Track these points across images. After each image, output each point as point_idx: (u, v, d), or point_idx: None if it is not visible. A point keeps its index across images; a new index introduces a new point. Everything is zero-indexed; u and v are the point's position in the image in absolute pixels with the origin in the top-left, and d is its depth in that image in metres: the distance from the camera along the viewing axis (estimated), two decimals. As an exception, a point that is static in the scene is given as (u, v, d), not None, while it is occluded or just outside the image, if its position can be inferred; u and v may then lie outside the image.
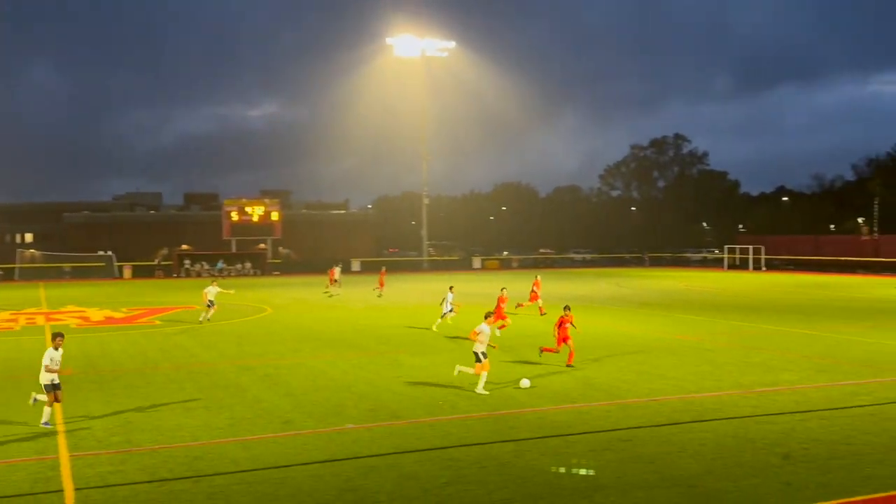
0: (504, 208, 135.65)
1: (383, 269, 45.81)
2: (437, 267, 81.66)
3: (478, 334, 16.28)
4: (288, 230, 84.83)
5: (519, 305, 30.97)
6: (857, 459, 11.20)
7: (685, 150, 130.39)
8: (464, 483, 10.28)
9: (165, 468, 11.03)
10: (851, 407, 14.58)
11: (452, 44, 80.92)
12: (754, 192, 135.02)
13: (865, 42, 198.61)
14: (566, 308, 19.92)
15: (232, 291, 33.05)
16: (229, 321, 30.45)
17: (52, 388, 13.31)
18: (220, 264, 72.36)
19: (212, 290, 29.80)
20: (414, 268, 79.40)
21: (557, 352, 19.42)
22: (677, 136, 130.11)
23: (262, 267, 74.39)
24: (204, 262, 73.64)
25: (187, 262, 73.93)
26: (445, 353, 21.53)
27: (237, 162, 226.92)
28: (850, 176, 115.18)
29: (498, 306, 25.54)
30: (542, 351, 19.68)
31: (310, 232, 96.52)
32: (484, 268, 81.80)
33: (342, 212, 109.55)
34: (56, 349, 13.49)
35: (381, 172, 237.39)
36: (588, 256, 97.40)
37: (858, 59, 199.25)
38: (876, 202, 73.03)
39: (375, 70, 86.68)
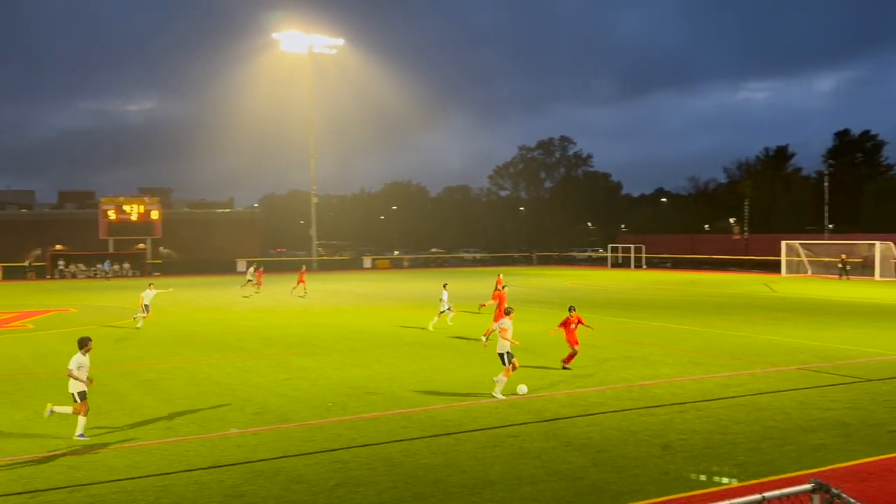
0: (395, 208, 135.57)
1: (303, 268, 46.26)
2: (327, 267, 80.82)
3: (505, 331, 15.88)
4: (169, 229, 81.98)
5: (482, 305, 30.77)
6: (731, 448, 11.74)
7: (571, 152, 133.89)
8: (353, 485, 10.16)
9: (41, 478, 10.44)
10: (725, 398, 15.28)
11: (341, 41, 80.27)
12: (635, 194, 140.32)
13: (736, 52, 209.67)
14: (571, 309, 19.20)
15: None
16: (106, 325, 29.14)
17: (82, 397, 12.58)
18: (107, 265, 69.30)
19: (149, 294, 28.46)
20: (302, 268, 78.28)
21: (576, 352, 18.68)
22: (563, 138, 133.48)
23: (142, 267, 71.70)
24: (81, 264, 70.28)
25: (61, 263, 70.38)
26: (335, 355, 21.30)
27: (115, 159, 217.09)
28: (722, 178, 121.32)
29: (499, 303, 24.96)
30: (564, 364, 18.64)
31: (192, 231, 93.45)
32: (375, 267, 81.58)
33: (227, 210, 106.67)
34: (84, 355, 12.84)
35: (267, 170, 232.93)
36: (478, 255, 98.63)
37: (730, 68, 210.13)
38: (746, 203, 77.02)
39: (261, 65, 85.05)
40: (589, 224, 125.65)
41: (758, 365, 19.11)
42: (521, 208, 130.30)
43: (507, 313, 16.62)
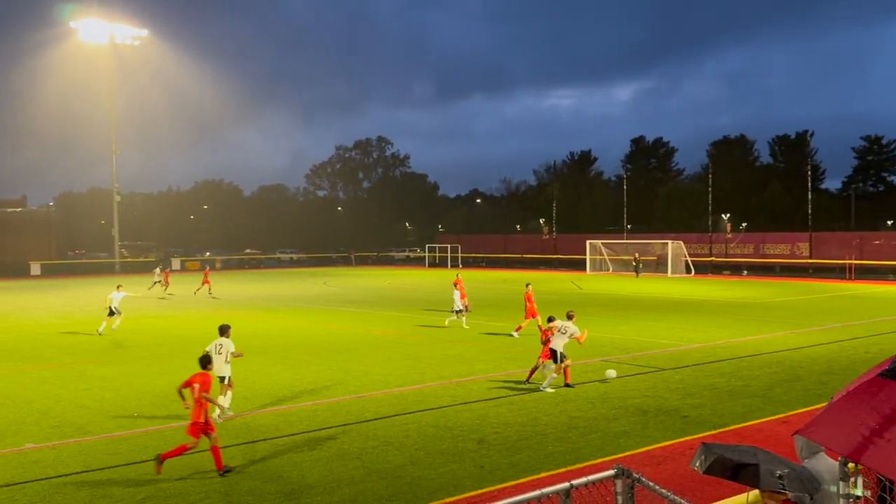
0: (206, 207, 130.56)
1: (207, 268, 47.70)
2: (132, 269, 76.40)
3: (557, 329, 16.10)
4: (-49, 230, 74.35)
5: (518, 328, 28.42)
6: (541, 439, 12.25)
7: (388, 153, 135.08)
8: (163, 497, 9.64)
9: None
10: (536, 391, 15.94)
11: (145, 32, 76.10)
12: (451, 194, 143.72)
13: (544, 60, 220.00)
14: (569, 315, 17.07)
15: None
16: None
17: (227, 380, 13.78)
18: None
19: (117, 297, 25.98)
20: (105, 270, 73.64)
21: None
22: (381, 139, 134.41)
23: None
24: None
25: None
26: (139, 362, 20.17)
27: None
28: (532, 180, 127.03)
29: (528, 304, 24.62)
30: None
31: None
32: (184, 269, 78.04)
33: (18, 210, 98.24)
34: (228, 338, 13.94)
35: (64, 167, 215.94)
36: (295, 256, 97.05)
37: (538, 75, 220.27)
38: (554, 205, 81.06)
39: (58, 55, 79.04)
40: (407, 224, 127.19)
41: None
42: (339, 208, 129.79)
43: (570, 317, 16.82)
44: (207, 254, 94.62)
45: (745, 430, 12.72)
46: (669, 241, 62.84)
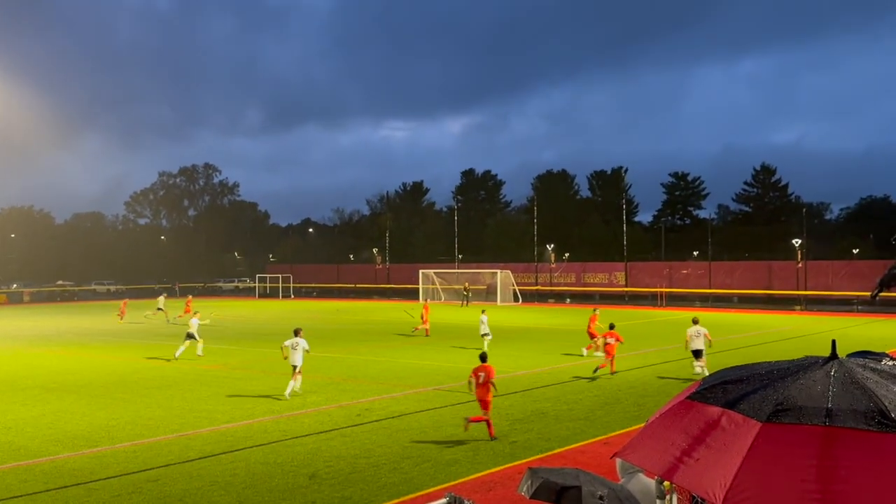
0: (13, 236, 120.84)
1: (189, 297, 50.62)
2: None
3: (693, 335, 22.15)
4: None
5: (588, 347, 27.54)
6: (375, 471, 12.16)
7: (216, 180, 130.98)
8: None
9: None
10: (369, 422, 15.85)
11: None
12: (283, 224, 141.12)
13: (379, 92, 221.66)
14: (611, 326, 22.64)
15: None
16: None
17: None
18: None
19: (194, 323, 27.88)
20: None
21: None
22: (207, 166, 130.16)
23: None
24: None
25: None
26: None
27: None
28: (365, 210, 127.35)
29: (590, 326, 27.13)
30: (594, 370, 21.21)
31: None
32: (-13, 302, 71.66)
33: None
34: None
35: None
36: (113, 288, 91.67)
37: (372, 106, 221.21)
38: (387, 234, 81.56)
39: None
40: (236, 254, 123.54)
41: (398, 388, 20.15)
42: (163, 237, 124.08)
43: (696, 322, 22.41)
44: (14, 286, 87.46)
45: (569, 452, 13.24)
46: (498, 271, 64.82)
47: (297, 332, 19.78)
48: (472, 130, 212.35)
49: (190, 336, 26.99)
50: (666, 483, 4.50)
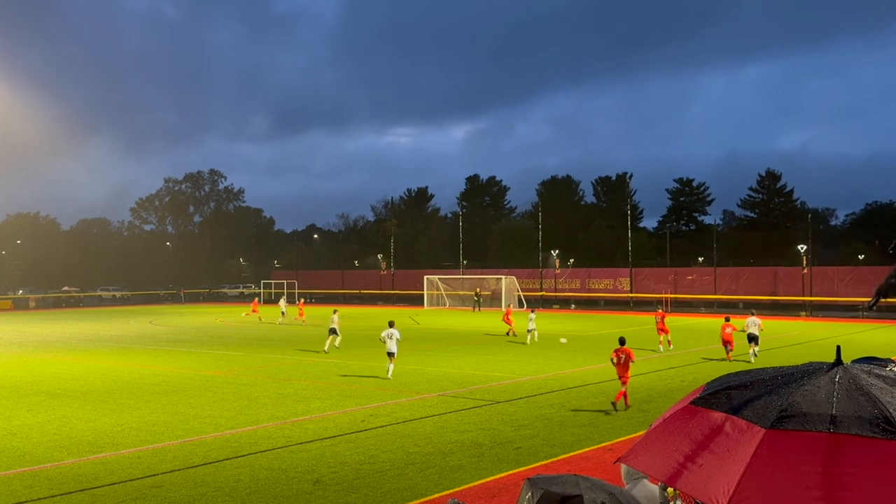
0: (19, 242, 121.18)
1: (302, 300, 52.28)
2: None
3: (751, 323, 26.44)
4: None
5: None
6: (379, 476, 12.14)
7: (221, 186, 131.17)
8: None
9: None
10: (374, 428, 15.83)
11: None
12: (288, 230, 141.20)
13: (384, 98, 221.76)
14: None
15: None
16: None
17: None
18: None
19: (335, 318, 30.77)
20: None
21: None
22: (213, 172, 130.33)
23: None
24: None
25: None
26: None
27: None
28: (370, 216, 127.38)
29: (724, 334, 27.31)
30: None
31: None
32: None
33: None
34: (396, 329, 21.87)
35: None
36: (119, 294, 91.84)
37: (376, 113, 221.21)
38: (392, 240, 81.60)
39: None
40: (241, 260, 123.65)
41: (403, 394, 20.13)
42: (168, 243, 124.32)
43: (753, 314, 27.04)
44: (20, 291, 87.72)
45: (574, 458, 13.20)
46: (503, 277, 64.80)
47: (391, 324, 22.17)
48: (477, 136, 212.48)
49: (332, 331, 30.37)
50: (670, 489, 4.47)
